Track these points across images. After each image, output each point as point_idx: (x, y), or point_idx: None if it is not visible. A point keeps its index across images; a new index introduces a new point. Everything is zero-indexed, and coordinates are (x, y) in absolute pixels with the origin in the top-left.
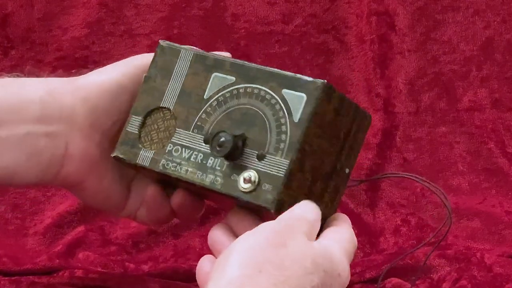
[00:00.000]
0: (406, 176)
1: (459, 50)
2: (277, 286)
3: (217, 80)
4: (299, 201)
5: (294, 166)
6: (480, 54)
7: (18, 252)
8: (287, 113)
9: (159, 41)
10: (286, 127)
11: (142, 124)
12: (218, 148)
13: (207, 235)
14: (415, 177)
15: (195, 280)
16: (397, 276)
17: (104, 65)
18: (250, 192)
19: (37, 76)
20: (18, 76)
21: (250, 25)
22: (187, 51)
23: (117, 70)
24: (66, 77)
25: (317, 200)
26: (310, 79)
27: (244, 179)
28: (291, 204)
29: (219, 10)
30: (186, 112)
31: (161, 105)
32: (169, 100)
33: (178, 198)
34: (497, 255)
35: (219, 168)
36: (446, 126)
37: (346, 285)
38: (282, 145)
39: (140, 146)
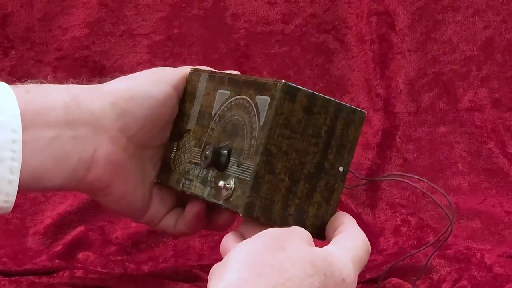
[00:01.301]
0: (414, 177)
1: (459, 50)
2: None
3: (220, 96)
4: (276, 202)
5: (260, 168)
6: (480, 54)
7: (18, 252)
8: (257, 118)
9: (190, 68)
10: (256, 132)
11: (177, 149)
12: (203, 160)
13: (207, 235)
14: (427, 182)
15: (195, 280)
16: (397, 276)
17: (104, 65)
18: (228, 198)
19: (60, 83)
20: (41, 82)
21: (250, 25)
22: (204, 74)
23: (144, 78)
24: (67, 77)
25: (304, 201)
26: (272, 81)
27: (222, 187)
28: (264, 207)
29: (219, 10)
30: (201, 131)
31: (187, 128)
32: (192, 122)
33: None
34: (497, 255)
35: (214, 180)
36: (446, 126)
37: None
38: (252, 150)
39: (173, 168)
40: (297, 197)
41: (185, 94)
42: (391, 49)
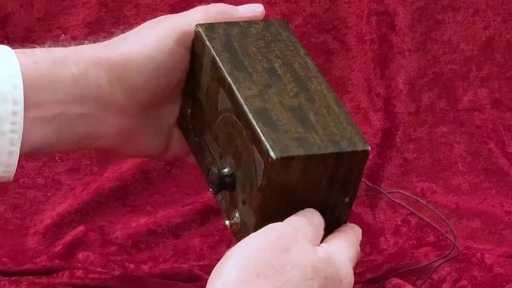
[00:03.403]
0: (420, 200)
1: (459, 50)
2: None
3: (223, 98)
4: None
5: (260, 226)
6: (480, 54)
7: (18, 252)
8: (255, 171)
9: (196, 24)
10: (255, 185)
11: (192, 106)
12: (211, 185)
13: (207, 235)
14: (431, 207)
15: (195, 281)
16: (398, 276)
17: None
18: (236, 233)
19: (71, 44)
20: (50, 46)
21: None
22: (208, 51)
23: (151, 44)
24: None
25: None
26: (267, 147)
27: (229, 226)
28: None
29: None
30: (210, 115)
31: (198, 96)
32: (202, 93)
33: None
34: (497, 255)
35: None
36: (446, 126)
37: None
38: (253, 202)
39: (190, 127)
40: None
41: (193, 51)
42: (391, 49)
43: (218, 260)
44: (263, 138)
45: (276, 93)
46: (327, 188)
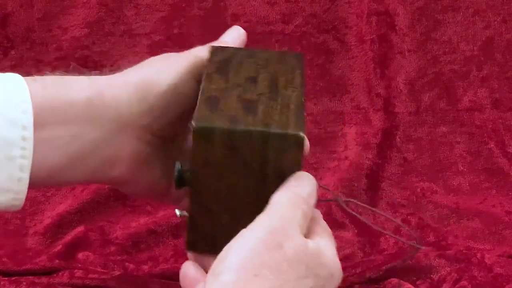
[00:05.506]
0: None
1: (459, 50)
2: None
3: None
4: (219, 237)
5: (194, 211)
6: (480, 54)
7: (18, 252)
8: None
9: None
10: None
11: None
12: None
13: None
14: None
15: None
16: (398, 276)
17: (104, 65)
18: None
19: (80, 74)
20: (62, 74)
21: (250, 25)
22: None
23: (173, 74)
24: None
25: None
26: (194, 118)
27: (180, 214)
28: (208, 239)
29: (219, 10)
30: None
31: None
32: None
33: None
34: (497, 255)
35: None
36: (446, 126)
37: (339, 282)
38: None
39: None
40: (243, 226)
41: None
42: (391, 49)
43: None
44: (196, 114)
45: (241, 90)
46: (261, 175)
